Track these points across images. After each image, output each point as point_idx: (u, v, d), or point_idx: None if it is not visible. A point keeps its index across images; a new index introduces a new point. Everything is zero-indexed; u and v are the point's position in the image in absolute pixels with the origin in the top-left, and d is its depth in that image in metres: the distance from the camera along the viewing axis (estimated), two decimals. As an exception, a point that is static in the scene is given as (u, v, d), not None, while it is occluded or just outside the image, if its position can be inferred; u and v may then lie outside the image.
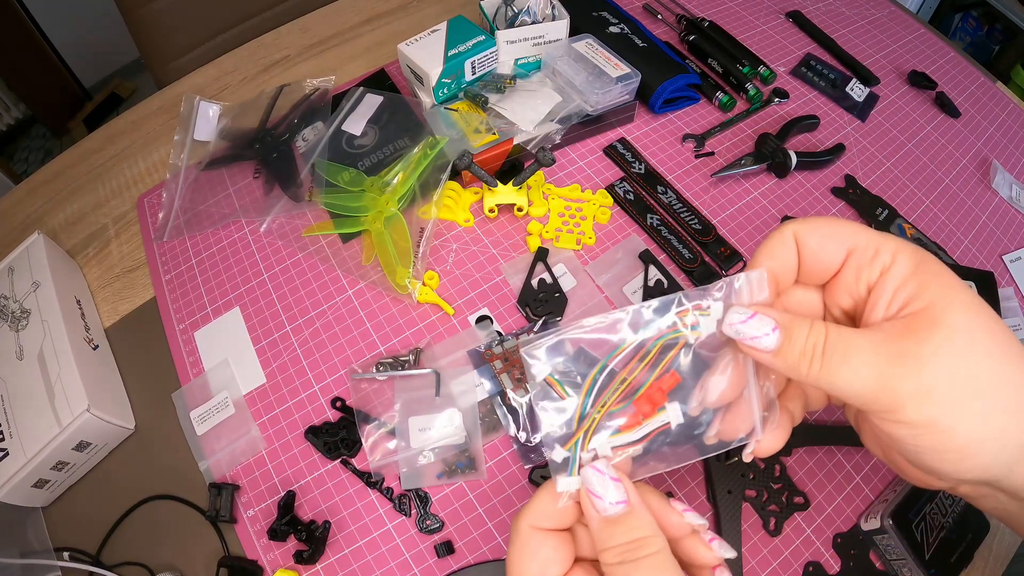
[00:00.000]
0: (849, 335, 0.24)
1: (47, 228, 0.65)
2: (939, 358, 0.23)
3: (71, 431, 0.45)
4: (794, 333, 0.25)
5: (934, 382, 0.23)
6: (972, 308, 0.24)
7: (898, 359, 0.23)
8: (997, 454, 0.23)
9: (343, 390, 0.51)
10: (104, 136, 0.73)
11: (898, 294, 0.25)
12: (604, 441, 0.27)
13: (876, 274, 0.26)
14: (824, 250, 0.27)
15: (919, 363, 0.23)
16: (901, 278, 0.25)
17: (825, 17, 0.78)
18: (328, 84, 0.70)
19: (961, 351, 0.23)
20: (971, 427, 0.23)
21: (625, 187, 0.61)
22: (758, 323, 0.26)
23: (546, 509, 0.26)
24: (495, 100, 0.62)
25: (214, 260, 0.59)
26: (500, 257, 0.57)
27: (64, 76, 1.85)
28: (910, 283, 0.25)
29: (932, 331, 0.23)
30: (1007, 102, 0.72)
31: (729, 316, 0.26)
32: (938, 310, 0.24)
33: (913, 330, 0.24)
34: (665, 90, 0.64)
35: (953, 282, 0.25)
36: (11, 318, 0.52)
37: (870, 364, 0.23)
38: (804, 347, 0.25)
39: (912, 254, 0.26)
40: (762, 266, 0.28)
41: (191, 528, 0.47)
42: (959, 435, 0.23)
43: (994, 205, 0.62)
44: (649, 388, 0.27)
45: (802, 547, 0.44)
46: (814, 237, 0.27)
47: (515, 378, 0.49)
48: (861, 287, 0.27)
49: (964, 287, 0.24)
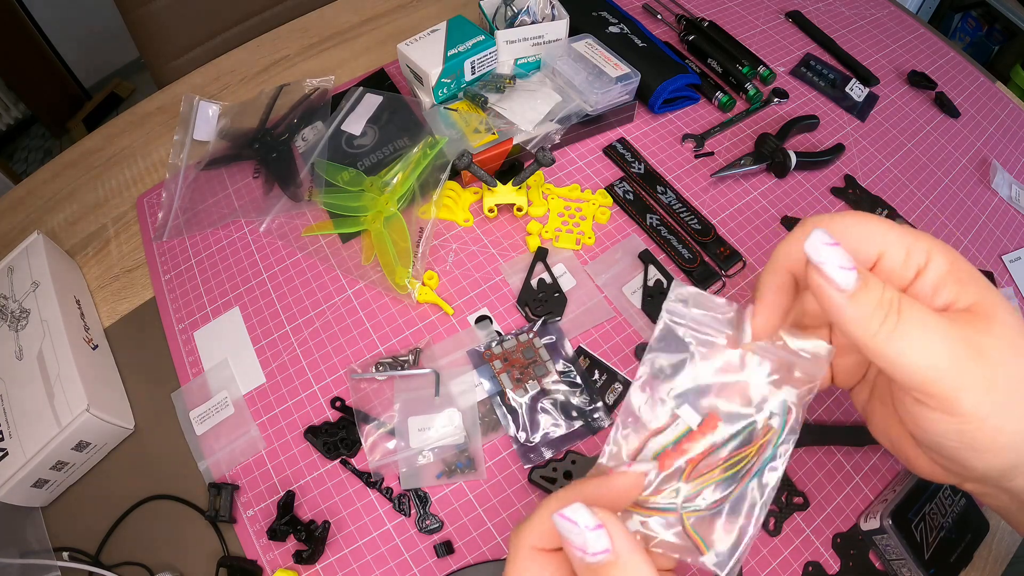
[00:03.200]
0: (924, 307, 0.23)
1: (47, 228, 0.65)
2: (1000, 352, 0.22)
3: (70, 431, 0.45)
4: (871, 283, 0.23)
5: (997, 375, 0.22)
6: (1011, 309, 0.24)
7: (970, 344, 0.22)
8: (1018, 451, 0.23)
9: (343, 390, 0.51)
10: (104, 136, 0.73)
11: (940, 292, 0.24)
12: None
13: (911, 274, 0.25)
14: (855, 250, 0.25)
15: (985, 353, 0.22)
16: (939, 277, 0.24)
17: (825, 17, 0.78)
18: (328, 84, 0.70)
19: (1016, 349, 0.23)
20: (1014, 426, 0.23)
21: (625, 187, 0.61)
22: (840, 255, 0.23)
23: (548, 527, 0.24)
24: (495, 100, 0.62)
25: (213, 260, 0.59)
26: (499, 257, 0.57)
27: (64, 76, 1.85)
28: (949, 282, 0.24)
29: (991, 325, 0.23)
30: (1007, 102, 0.72)
31: (812, 237, 0.23)
32: (989, 306, 0.23)
33: (972, 322, 0.23)
34: (665, 90, 0.64)
35: (987, 283, 0.24)
36: (10, 318, 0.52)
37: (945, 342, 0.22)
38: (881, 299, 0.23)
39: (946, 252, 0.25)
40: (781, 266, 0.26)
41: (190, 528, 0.47)
42: (1004, 433, 0.22)
43: (994, 205, 0.62)
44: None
45: (801, 547, 0.44)
46: (842, 237, 0.25)
47: (514, 378, 0.49)
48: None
49: (992, 286, 0.24)
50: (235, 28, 0.97)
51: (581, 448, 0.47)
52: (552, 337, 0.51)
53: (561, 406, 0.48)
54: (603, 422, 0.48)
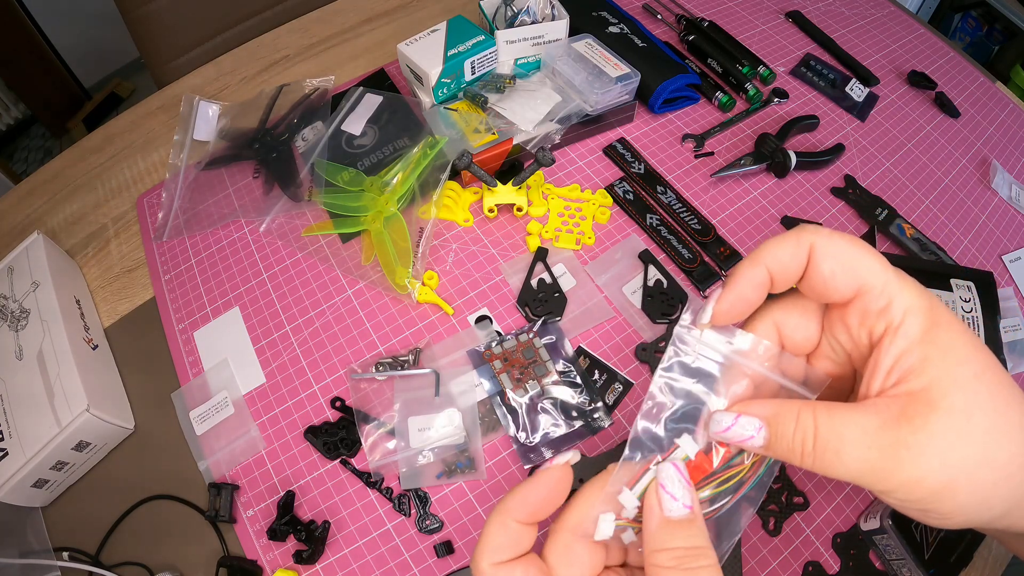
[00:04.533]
0: (839, 426, 0.24)
1: (46, 228, 0.65)
2: (932, 446, 0.23)
3: (70, 431, 0.45)
4: (780, 430, 0.25)
5: (925, 471, 0.23)
6: (976, 382, 0.23)
7: (892, 450, 0.23)
8: (981, 514, 0.24)
9: (343, 390, 0.51)
10: (103, 136, 0.73)
11: (899, 363, 0.24)
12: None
13: (881, 330, 0.25)
14: (835, 280, 0.25)
15: (911, 453, 0.23)
16: (907, 344, 0.24)
17: (825, 17, 0.78)
18: (328, 84, 0.70)
19: (956, 435, 0.23)
20: (957, 501, 0.23)
21: (625, 187, 0.61)
22: (742, 426, 0.25)
23: (501, 541, 0.26)
24: (495, 100, 0.62)
25: (213, 260, 0.59)
26: (499, 257, 0.57)
27: (64, 76, 1.85)
28: (914, 352, 0.24)
29: (928, 418, 0.23)
30: (1007, 102, 0.72)
31: (712, 425, 0.26)
32: (935, 393, 0.23)
33: (908, 415, 0.23)
34: (665, 90, 0.64)
35: (960, 354, 0.24)
36: (10, 318, 0.52)
37: (862, 459, 0.23)
38: (792, 444, 0.24)
39: (924, 316, 0.24)
40: (762, 263, 0.26)
41: (191, 528, 0.47)
42: (944, 507, 0.23)
43: (994, 205, 0.62)
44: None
45: (801, 547, 0.44)
46: (829, 262, 0.25)
47: (514, 378, 0.49)
48: (863, 335, 0.26)
49: (973, 354, 0.24)
50: (235, 28, 0.97)
51: (581, 448, 0.47)
52: (552, 337, 0.51)
53: (561, 406, 0.48)
54: (603, 422, 0.48)
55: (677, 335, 0.28)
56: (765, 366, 0.27)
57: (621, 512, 0.26)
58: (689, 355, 0.27)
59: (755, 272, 0.26)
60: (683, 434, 0.27)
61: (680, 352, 0.28)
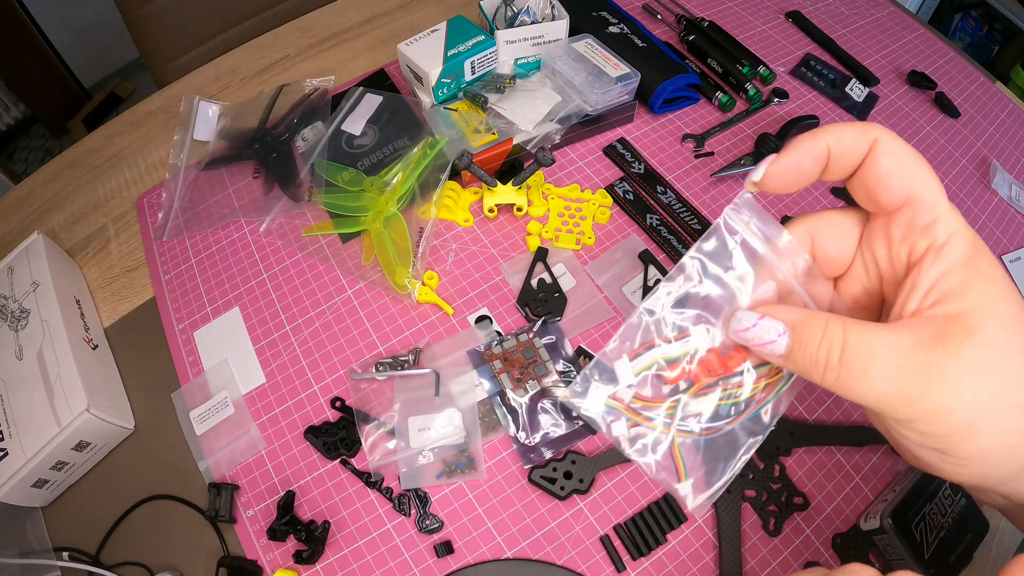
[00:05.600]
0: (871, 340, 0.22)
1: (47, 228, 0.65)
2: (966, 376, 0.22)
3: (70, 431, 0.45)
4: (805, 337, 0.23)
5: (956, 402, 0.22)
6: (1013, 320, 0.22)
7: (923, 373, 0.22)
8: (1000, 468, 0.23)
9: (343, 390, 0.51)
10: (103, 136, 0.73)
11: (939, 284, 0.23)
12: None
13: (923, 248, 0.24)
14: (890, 178, 0.24)
15: (944, 379, 0.22)
16: (949, 265, 0.23)
17: (825, 17, 0.78)
18: (328, 84, 0.70)
19: (991, 369, 0.22)
20: (982, 444, 0.22)
21: (625, 187, 0.61)
22: (764, 328, 0.24)
23: None
24: (495, 100, 0.62)
25: (213, 260, 0.59)
26: (500, 257, 0.57)
27: (64, 76, 1.85)
28: (955, 275, 0.23)
29: (964, 343, 0.22)
30: (1007, 102, 0.72)
31: (734, 323, 0.24)
32: (976, 319, 0.22)
33: (944, 338, 0.22)
34: (665, 90, 0.64)
35: (999, 289, 0.23)
36: (10, 318, 0.52)
37: (891, 379, 0.22)
38: (817, 355, 0.23)
39: (968, 244, 0.23)
40: (824, 139, 0.25)
41: (191, 528, 0.47)
42: (968, 448, 0.22)
43: (994, 205, 0.62)
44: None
45: (801, 547, 0.44)
46: (889, 160, 0.24)
47: (514, 378, 0.49)
48: (903, 252, 0.25)
49: (1009, 296, 0.23)
50: (235, 28, 0.97)
51: (581, 448, 0.47)
52: (552, 337, 0.51)
53: (561, 406, 0.48)
54: (603, 422, 0.48)
55: (725, 218, 0.26)
56: (796, 277, 0.26)
57: (617, 390, 0.25)
58: (730, 243, 0.26)
59: (815, 144, 0.25)
60: (699, 324, 0.26)
61: (724, 234, 0.26)
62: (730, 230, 0.26)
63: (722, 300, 0.26)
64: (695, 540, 0.44)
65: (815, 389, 0.50)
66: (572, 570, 0.43)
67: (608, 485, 0.46)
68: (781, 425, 0.47)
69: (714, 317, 0.26)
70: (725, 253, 0.26)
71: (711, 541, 0.44)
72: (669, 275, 0.26)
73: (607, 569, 0.43)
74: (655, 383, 0.26)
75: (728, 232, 0.26)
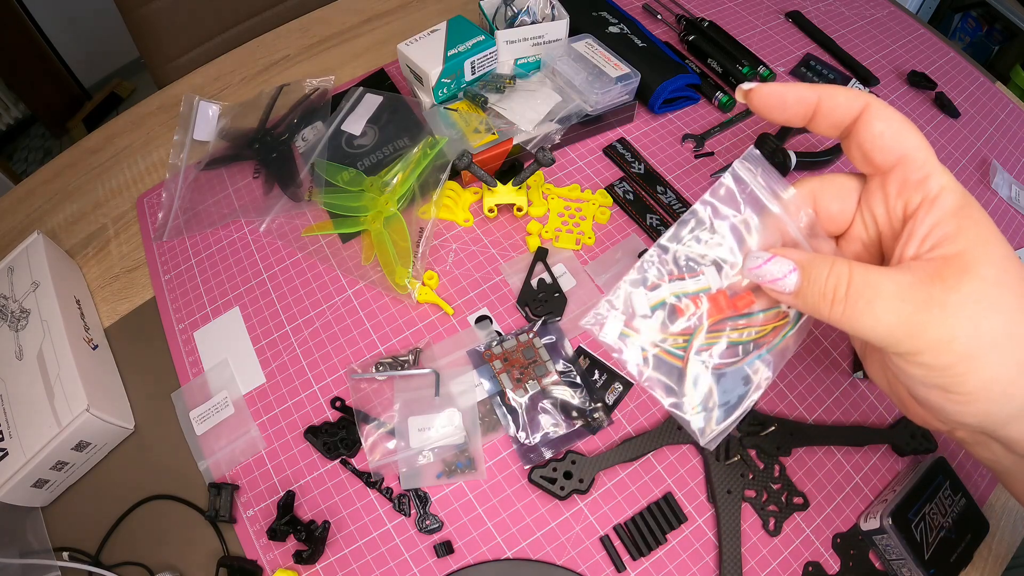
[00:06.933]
0: (875, 277, 0.24)
1: (47, 228, 0.65)
2: (965, 308, 0.23)
3: (71, 431, 0.45)
4: (813, 274, 0.25)
5: (957, 332, 0.23)
6: (1004, 263, 0.24)
7: (924, 306, 0.23)
8: (1002, 404, 0.24)
9: (343, 390, 0.51)
10: (103, 136, 0.73)
11: (934, 231, 0.25)
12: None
13: (917, 201, 0.25)
14: (883, 140, 0.26)
15: (944, 312, 0.23)
16: (942, 214, 0.25)
17: (825, 17, 0.78)
18: (328, 84, 0.70)
19: (988, 303, 0.23)
20: (983, 376, 0.23)
21: (625, 187, 0.61)
22: (775, 265, 0.26)
23: None
24: (495, 100, 0.62)
25: (214, 260, 0.59)
26: (499, 257, 0.57)
27: (64, 76, 1.85)
28: (949, 223, 0.25)
29: (962, 279, 0.23)
30: (1007, 102, 0.72)
31: (747, 261, 0.26)
32: (971, 258, 0.23)
33: (943, 276, 0.23)
34: (665, 90, 0.64)
35: (990, 234, 0.24)
36: (10, 318, 0.52)
37: (895, 311, 0.23)
38: (824, 289, 0.25)
39: (959, 195, 0.25)
40: (817, 91, 0.27)
41: (191, 528, 0.47)
42: (969, 381, 0.23)
43: (994, 205, 0.62)
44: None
45: (801, 547, 0.44)
46: (881, 123, 0.26)
47: (514, 378, 0.49)
48: (899, 206, 0.26)
49: (1000, 240, 0.24)
50: (235, 28, 0.97)
51: (581, 448, 0.47)
52: (552, 337, 0.51)
53: (561, 406, 0.48)
54: (603, 422, 0.48)
55: (734, 170, 0.28)
56: (800, 230, 0.27)
57: (632, 320, 0.27)
58: (739, 193, 0.28)
59: (807, 91, 0.27)
60: (711, 265, 0.27)
61: (732, 185, 0.28)
62: (738, 181, 0.28)
63: (732, 243, 0.27)
64: (695, 540, 0.44)
65: (815, 388, 0.50)
66: (572, 570, 0.43)
67: (608, 485, 0.46)
68: (781, 425, 0.47)
69: (725, 259, 0.27)
70: (734, 202, 0.27)
71: (711, 541, 0.44)
72: (682, 219, 0.28)
73: (607, 569, 0.43)
74: (669, 316, 0.27)
75: (736, 183, 0.28)
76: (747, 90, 0.28)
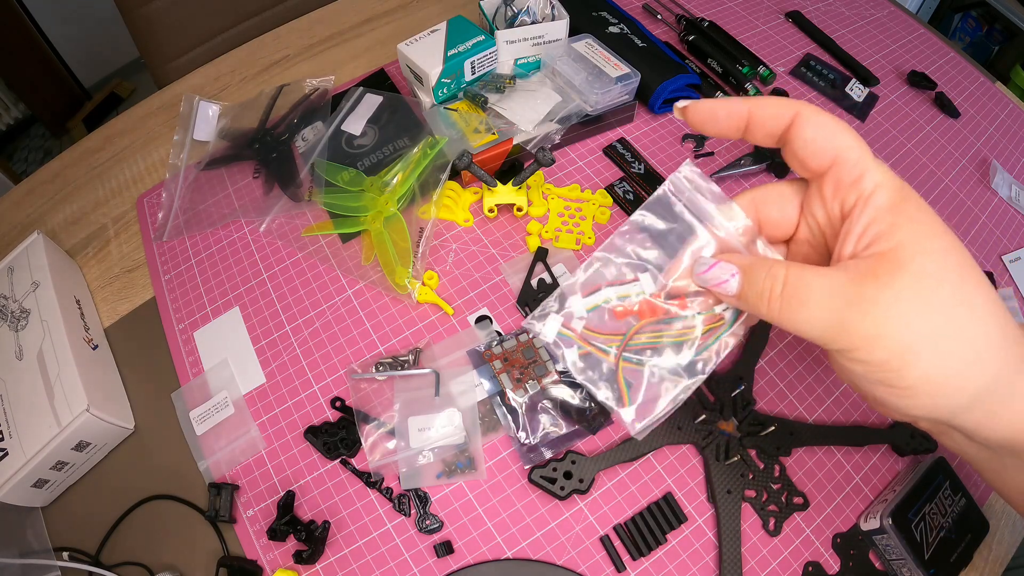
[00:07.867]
0: (809, 277, 0.25)
1: (46, 228, 0.65)
2: (898, 304, 0.23)
3: (70, 431, 0.45)
4: (752, 276, 0.27)
5: (887, 328, 0.23)
6: (942, 255, 0.24)
7: (855, 303, 0.24)
8: (949, 397, 0.24)
9: (343, 390, 0.51)
10: (103, 136, 0.73)
11: (869, 229, 0.25)
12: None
13: (852, 200, 0.26)
14: (814, 145, 0.26)
15: (875, 308, 0.23)
16: (876, 212, 0.25)
17: (825, 17, 0.78)
18: (328, 84, 0.70)
19: (923, 298, 0.23)
20: (921, 370, 0.23)
21: (625, 187, 0.61)
22: (719, 270, 0.27)
23: None
24: (495, 100, 0.62)
25: (214, 260, 0.59)
26: (499, 257, 0.57)
27: (63, 76, 1.85)
28: (884, 219, 0.25)
29: (894, 275, 0.23)
30: (1007, 102, 0.72)
31: (695, 267, 0.28)
32: (905, 254, 0.24)
33: (876, 273, 0.24)
34: (665, 90, 0.64)
35: (928, 228, 0.24)
36: (10, 318, 0.52)
37: (826, 308, 0.24)
38: (762, 289, 0.26)
39: (894, 191, 0.25)
40: (747, 104, 0.28)
41: (191, 528, 0.47)
42: (908, 376, 0.24)
43: (993, 205, 0.62)
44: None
45: (801, 547, 0.44)
46: (811, 129, 0.26)
47: (514, 378, 0.49)
48: (836, 207, 0.27)
49: (942, 232, 0.24)
50: (235, 28, 0.97)
51: (581, 448, 0.47)
52: (552, 337, 0.51)
53: (561, 406, 0.48)
54: (603, 422, 0.48)
55: (672, 181, 0.29)
56: (736, 238, 0.29)
57: (571, 320, 0.29)
58: (676, 204, 0.29)
59: (736, 105, 0.28)
60: (646, 271, 0.29)
61: (670, 195, 0.30)
62: (677, 192, 0.29)
63: (667, 252, 0.30)
64: (695, 540, 0.44)
65: (815, 388, 0.50)
66: (572, 570, 0.43)
67: (608, 485, 0.46)
68: (781, 425, 0.47)
69: (659, 266, 0.29)
70: (672, 213, 0.29)
71: (711, 541, 0.44)
72: (620, 229, 0.30)
73: (607, 569, 0.43)
74: (607, 318, 0.29)
75: (674, 194, 0.29)
76: (682, 108, 0.29)
